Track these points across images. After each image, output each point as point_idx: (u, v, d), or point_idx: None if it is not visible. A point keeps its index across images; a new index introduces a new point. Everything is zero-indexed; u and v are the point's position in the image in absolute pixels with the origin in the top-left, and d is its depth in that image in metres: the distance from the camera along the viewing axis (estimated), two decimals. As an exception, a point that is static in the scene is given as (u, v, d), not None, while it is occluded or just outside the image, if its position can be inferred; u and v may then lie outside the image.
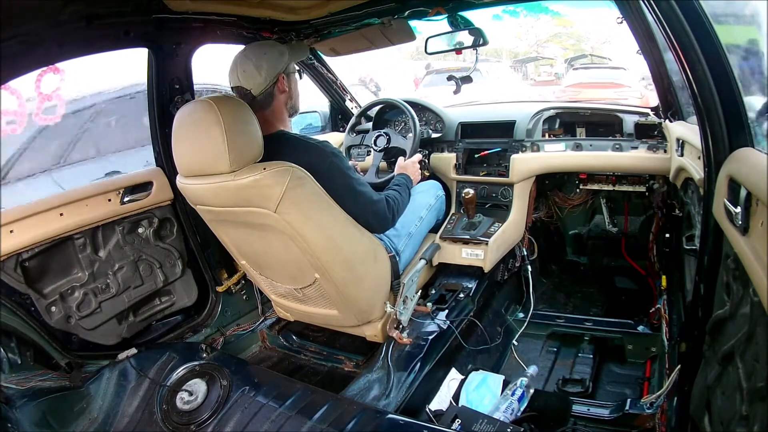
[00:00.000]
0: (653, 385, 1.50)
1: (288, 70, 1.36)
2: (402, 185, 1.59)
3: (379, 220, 1.42)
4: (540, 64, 15.84)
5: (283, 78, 1.34)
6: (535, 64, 15.94)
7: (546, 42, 17.51)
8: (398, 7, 1.55)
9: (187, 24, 1.54)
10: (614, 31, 2.79)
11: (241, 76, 1.29)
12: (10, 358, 1.35)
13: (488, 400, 1.39)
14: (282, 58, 1.32)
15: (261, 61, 1.29)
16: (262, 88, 1.29)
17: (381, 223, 1.43)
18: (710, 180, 0.92)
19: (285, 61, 1.33)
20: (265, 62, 1.29)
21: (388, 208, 1.44)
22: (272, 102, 1.33)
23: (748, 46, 1.02)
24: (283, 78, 1.34)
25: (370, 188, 1.40)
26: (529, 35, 17.76)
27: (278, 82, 1.33)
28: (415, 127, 1.86)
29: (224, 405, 1.29)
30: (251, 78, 1.28)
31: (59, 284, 1.51)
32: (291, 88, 1.39)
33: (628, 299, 2.06)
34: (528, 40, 17.83)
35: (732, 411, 0.76)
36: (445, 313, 1.62)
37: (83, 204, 1.51)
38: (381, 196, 1.44)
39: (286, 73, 1.36)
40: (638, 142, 1.73)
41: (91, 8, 1.23)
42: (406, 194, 1.58)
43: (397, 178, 1.64)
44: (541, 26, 17.54)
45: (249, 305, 2.01)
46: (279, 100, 1.35)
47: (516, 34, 17.51)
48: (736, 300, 0.81)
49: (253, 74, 1.28)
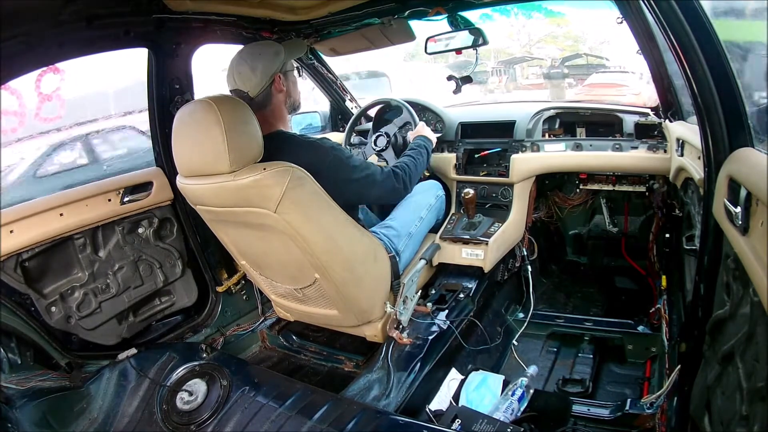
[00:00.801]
0: (653, 385, 1.50)
1: (285, 68, 1.36)
2: (419, 147, 1.64)
3: (388, 194, 1.45)
4: (528, 65, 14.86)
5: (279, 77, 1.34)
6: (522, 66, 14.70)
7: (539, 42, 16.69)
8: (398, 7, 1.55)
9: (187, 24, 1.54)
10: (613, 31, 2.76)
11: (237, 79, 1.29)
12: (10, 358, 1.35)
13: (488, 400, 1.39)
14: (277, 57, 1.32)
15: (256, 63, 1.29)
16: (259, 89, 1.30)
17: (392, 196, 1.48)
18: (710, 180, 0.91)
19: (281, 60, 1.33)
20: (260, 63, 1.30)
21: (396, 178, 1.45)
22: (270, 101, 1.34)
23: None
24: (279, 77, 1.34)
25: (373, 167, 1.41)
26: (521, 34, 16.91)
27: (274, 82, 1.33)
28: (415, 127, 1.86)
29: (224, 405, 1.29)
30: (247, 80, 1.29)
31: (59, 284, 1.51)
32: (289, 87, 1.39)
33: (628, 299, 2.06)
34: (521, 39, 16.99)
35: (732, 411, 0.76)
36: (445, 313, 1.62)
37: (83, 204, 1.51)
38: (387, 171, 1.45)
39: (283, 71, 1.35)
40: (638, 142, 1.73)
41: (91, 8, 1.23)
42: (424, 155, 1.62)
43: (415, 140, 1.68)
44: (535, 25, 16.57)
45: (249, 305, 2.01)
46: (277, 99, 1.35)
47: (508, 34, 16.54)
48: (736, 300, 0.81)
49: (249, 76, 1.29)
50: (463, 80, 1.83)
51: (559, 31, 16.48)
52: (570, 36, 16.47)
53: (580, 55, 13.49)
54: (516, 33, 16.64)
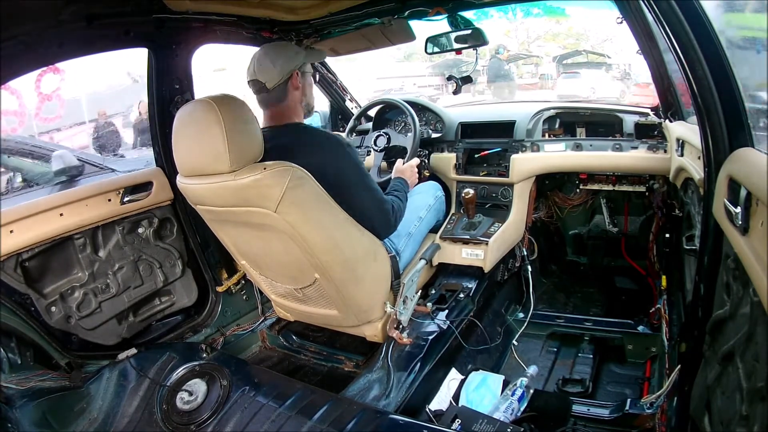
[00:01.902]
0: (653, 385, 1.50)
1: (303, 69, 1.38)
2: (400, 190, 1.59)
3: (384, 222, 1.43)
4: (522, 64, 14.09)
5: (297, 75, 1.36)
6: (517, 64, 13.53)
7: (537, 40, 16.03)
8: (398, 7, 1.55)
9: (187, 24, 1.54)
10: (616, 29, 2.74)
11: (257, 69, 1.32)
12: (10, 358, 1.35)
13: (488, 400, 1.39)
14: (297, 56, 1.36)
15: (277, 57, 1.32)
16: (276, 81, 1.32)
17: (385, 226, 1.44)
18: (710, 180, 0.91)
19: (300, 59, 1.36)
20: (281, 58, 1.32)
21: (392, 211, 1.45)
22: (286, 96, 1.35)
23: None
24: (297, 75, 1.36)
25: (378, 187, 1.42)
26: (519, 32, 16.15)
27: (292, 78, 1.35)
28: (415, 127, 1.86)
29: (224, 405, 1.29)
30: (266, 71, 1.31)
31: (59, 284, 1.51)
32: (305, 86, 1.40)
33: (628, 299, 2.06)
34: (518, 37, 16.23)
35: (732, 411, 0.76)
36: (445, 313, 1.62)
37: (83, 204, 1.51)
38: (388, 198, 1.46)
39: (302, 71, 1.38)
40: (638, 142, 1.73)
41: (91, 8, 1.23)
42: (404, 200, 1.59)
43: (394, 182, 1.64)
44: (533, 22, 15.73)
45: (249, 305, 2.01)
46: (293, 96, 1.37)
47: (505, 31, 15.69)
48: (736, 300, 0.81)
49: (269, 68, 1.31)
50: (463, 80, 1.83)
51: (559, 28, 15.91)
52: (571, 33, 15.91)
53: (580, 52, 13.16)
54: (514, 30, 15.98)
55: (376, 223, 1.40)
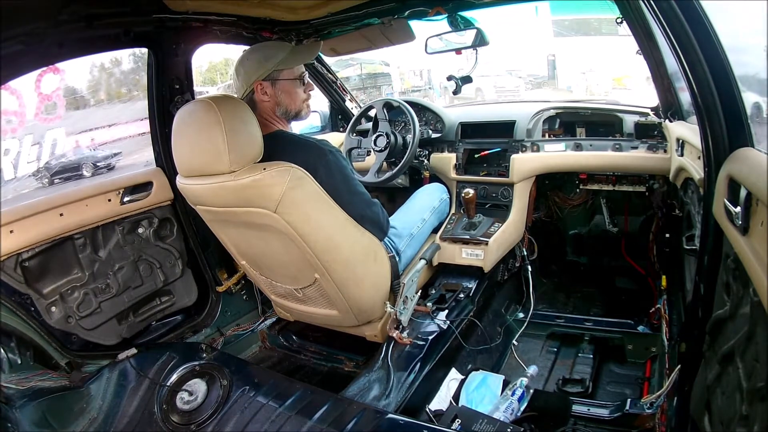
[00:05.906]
0: (653, 385, 1.49)
1: (274, 76, 1.31)
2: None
3: (373, 223, 1.41)
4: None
5: (259, 86, 1.30)
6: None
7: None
8: (398, 7, 1.55)
9: (187, 24, 1.54)
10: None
11: (233, 78, 1.33)
12: (10, 358, 1.35)
13: (488, 400, 1.39)
14: (264, 64, 1.29)
15: (241, 67, 1.31)
16: (241, 93, 1.32)
17: (375, 227, 1.42)
18: (710, 180, 0.91)
19: (267, 67, 1.29)
20: (243, 68, 1.31)
21: (381, 214, 1.44)
22: (256, 107, 1.32)
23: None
24: (259, 86, 1.30)
25: (366, 191, 1.40)
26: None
27: (255, 90, 1.31)
28: (414, 127, 1.86)
29: (224, 405, 1.29)
30: (235, 82, 1.32)
31: (59, 284, 1.51)
32: (276, 95, 1.32)
33: (628, 299, 2.06)
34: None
35: (732, 411, 0.76)
36: (445, 313, 1.62)
37: (83, 204, 1.51)
38: (377, 201, 1.44)
39: (271, 79, 1.31)
40: (638, 142, 1.73)
41: (91, 8, 1.23)
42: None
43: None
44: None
45: (249, 305, 2.01)
46: (262, 107, 1.33)
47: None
48: (736, 300, 0.81)
49: (235, 78, 1.32)
50: (463, 80, 1.83)
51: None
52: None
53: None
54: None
55: (367, 226, 1.39)
